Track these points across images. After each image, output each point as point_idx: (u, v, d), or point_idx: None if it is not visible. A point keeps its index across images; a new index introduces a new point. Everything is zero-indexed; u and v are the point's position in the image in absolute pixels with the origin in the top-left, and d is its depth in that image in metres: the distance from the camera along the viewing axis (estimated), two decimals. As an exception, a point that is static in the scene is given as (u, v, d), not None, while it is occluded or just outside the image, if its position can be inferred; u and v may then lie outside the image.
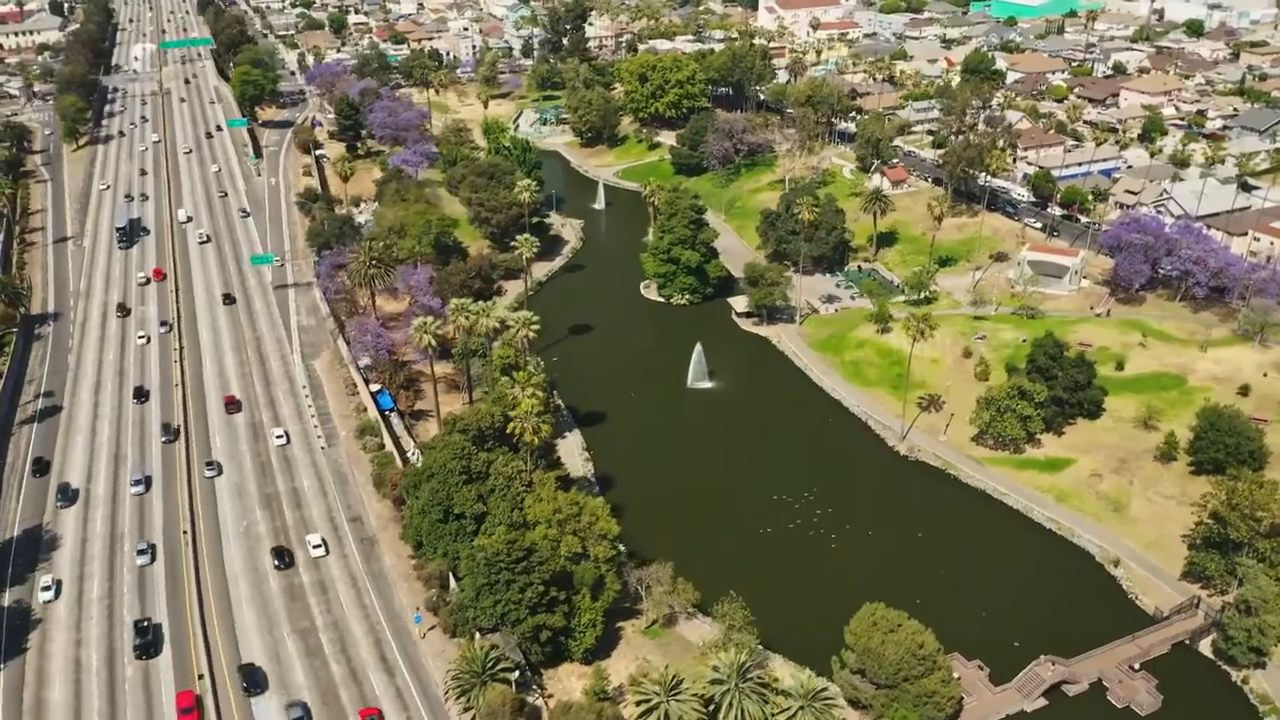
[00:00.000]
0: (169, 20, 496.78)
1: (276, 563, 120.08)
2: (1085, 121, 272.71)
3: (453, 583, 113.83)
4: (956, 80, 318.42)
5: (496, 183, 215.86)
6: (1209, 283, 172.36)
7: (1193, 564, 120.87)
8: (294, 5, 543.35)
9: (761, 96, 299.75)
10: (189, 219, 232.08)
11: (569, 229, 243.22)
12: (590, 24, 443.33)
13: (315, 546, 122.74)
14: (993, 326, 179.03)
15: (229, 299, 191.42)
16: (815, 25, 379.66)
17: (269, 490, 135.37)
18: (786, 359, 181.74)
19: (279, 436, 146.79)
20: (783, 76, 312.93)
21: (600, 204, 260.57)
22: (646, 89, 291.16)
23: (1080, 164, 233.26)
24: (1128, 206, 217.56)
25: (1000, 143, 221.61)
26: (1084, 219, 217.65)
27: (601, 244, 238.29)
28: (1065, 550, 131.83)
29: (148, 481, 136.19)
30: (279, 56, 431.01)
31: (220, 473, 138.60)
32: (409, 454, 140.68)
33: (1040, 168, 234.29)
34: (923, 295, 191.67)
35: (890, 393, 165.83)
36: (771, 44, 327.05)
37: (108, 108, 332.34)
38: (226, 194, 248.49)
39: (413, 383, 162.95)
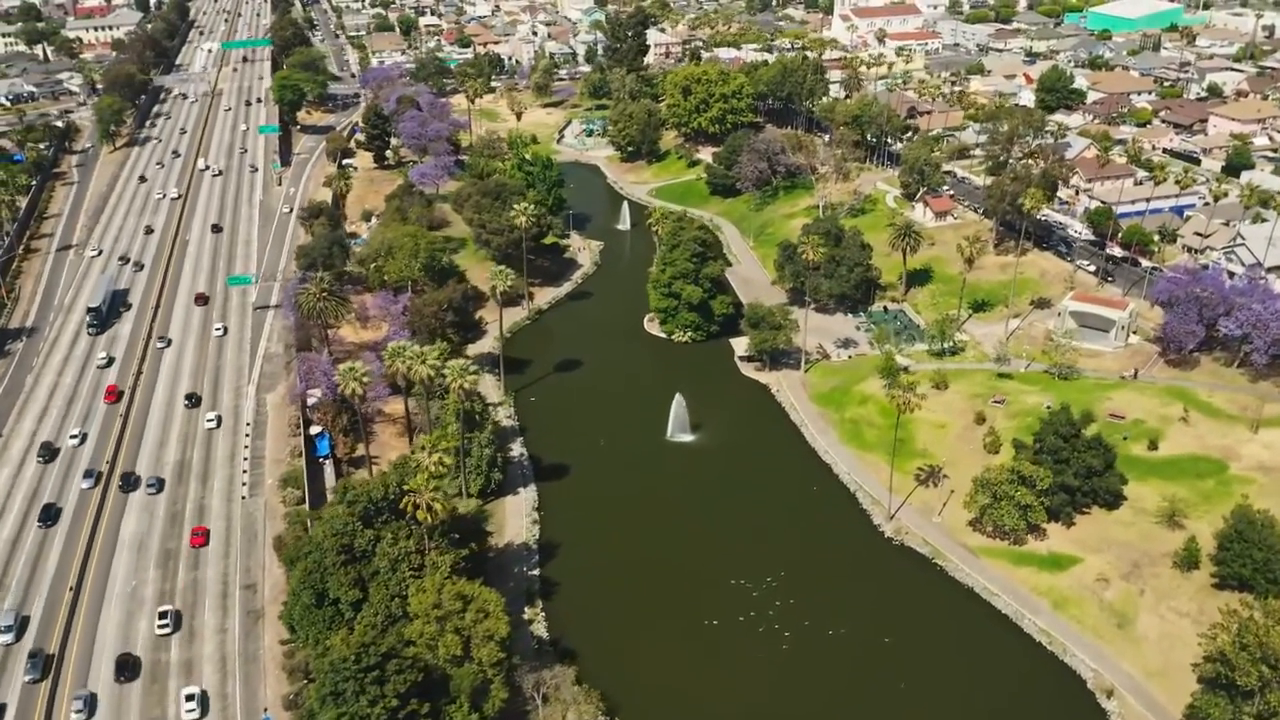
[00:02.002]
0: (240, 17, 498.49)
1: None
2: (1165, 150, 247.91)
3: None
4: (1030, 99, 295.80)
5: (501, 203, 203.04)
6: (1269, 350, 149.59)
7: (1194, 708, 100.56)
8: (372, 5, 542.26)
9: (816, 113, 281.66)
10: (207, 167, 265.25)
11: (586, 252, 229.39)
12: (663, 30, 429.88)
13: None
14: (1017, 388, 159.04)
15: (216, 228, 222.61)
16: (881, 36, 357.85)
17: (170, 545, 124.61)
18: (783, 412, 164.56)
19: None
20: (841, 91, 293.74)
21: (624, 224, 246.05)
22: (689, 103, 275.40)
23: (1148, 199, 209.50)
24: (1196, 251, 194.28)
25: (1057, 170, 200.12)
26: (1145, 263, 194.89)
27: (617, 269, 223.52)
28: (1054, 671, 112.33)
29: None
30: (345, 58, 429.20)
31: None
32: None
33: (1102, 202, 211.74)
34: (945, 345, 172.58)
35: (888, 460, 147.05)
36: (825, 56, 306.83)
37: (156, 108, 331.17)
38: (246, 149, 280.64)
39: (364, 424, 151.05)
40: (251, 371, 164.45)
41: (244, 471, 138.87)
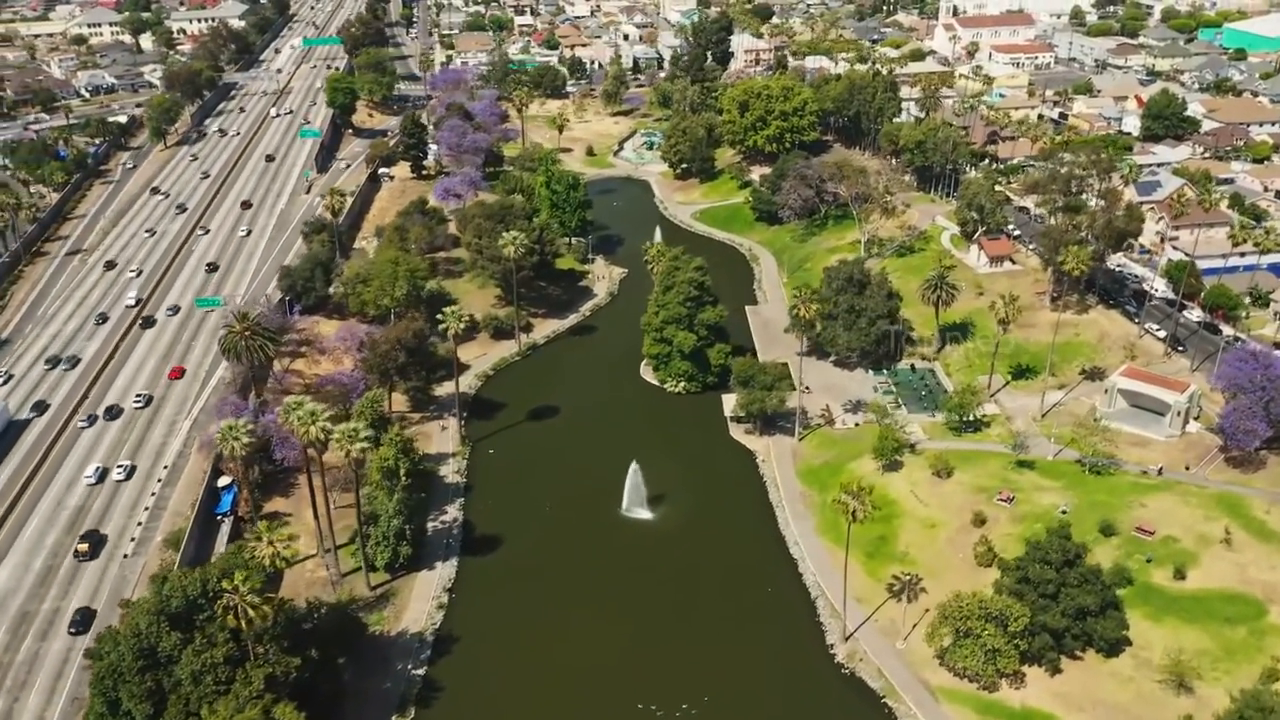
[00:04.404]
0: (340, 11, 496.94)
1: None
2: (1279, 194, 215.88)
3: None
4: (1135, 125, 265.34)
5: (504, 226, 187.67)
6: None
7: None
8: (475, 3, 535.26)
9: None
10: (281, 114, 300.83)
11: (605, 280, 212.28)
12: (759, 35, 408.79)
13: None
14: (1034, 481, 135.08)
15: (246, 204, 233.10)
16: (973, 50, 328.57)
17: (29, 609, 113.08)
18: (763, 488, 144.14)
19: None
20: (919, 111, 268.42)
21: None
22: (746, 119, 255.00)
23: (1241, 253, 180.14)
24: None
25: (1127, 218, 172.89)
26: (1228, 330, 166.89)
27: (633, 301, 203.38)
28: None
29: None
30: (431, 57, 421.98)
31: None
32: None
33: (1185, 254, 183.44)
34: (965, 419, 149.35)
35: (864, 561, 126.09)
36: (896, 72, 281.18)
37: (222, 105, 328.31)
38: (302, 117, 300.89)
39: (284, 475, 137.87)
40: (193, 406, 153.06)
41: (139, 524, 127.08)
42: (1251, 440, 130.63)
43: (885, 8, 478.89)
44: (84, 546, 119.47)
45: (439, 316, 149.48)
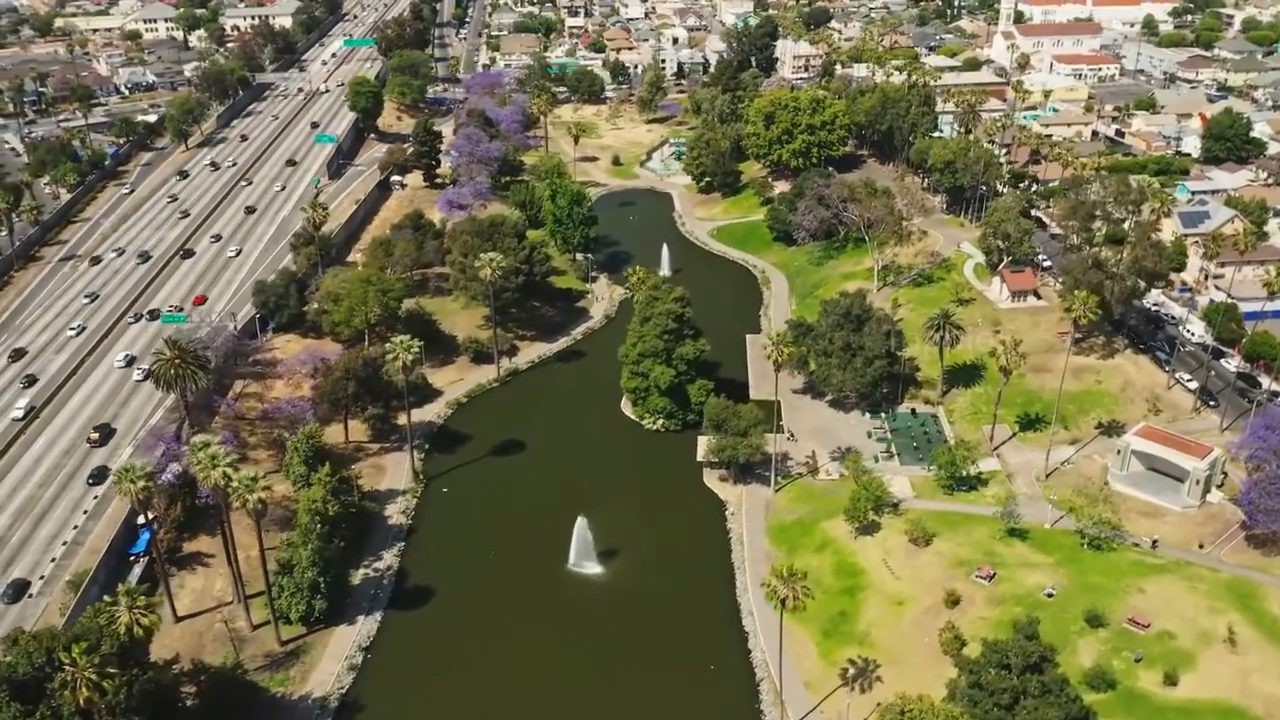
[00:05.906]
0: (388, 10, 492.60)
1: None
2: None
3: None
4: (1195, 145, 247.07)
5: (492, 244, 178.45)
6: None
7: None
8: (530, 3, 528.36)
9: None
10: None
11: (605, 301, 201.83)
12: (811, 41, 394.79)
13: None
14: (1022, 555, 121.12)
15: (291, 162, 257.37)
16: (1024, 62, 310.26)
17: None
18: (727, 544, 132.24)
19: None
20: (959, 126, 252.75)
21: (665, 269, 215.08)
22: (772, 132, 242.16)
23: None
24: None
25: (1155, 256, 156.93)
26: (1269, 384, 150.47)
27: (629, 326, 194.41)
28: None
29: None
30: (475, 58, 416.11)
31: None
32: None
33: (1229, 295, 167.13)
34: (958, 476, 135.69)
35: (819, 640, 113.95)
36: (935, 83, 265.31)
37: (253, 105, 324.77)
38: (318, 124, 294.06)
39: (214, 512, 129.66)
40: (140, 429, 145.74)
41: (52, 560, 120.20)
42: (1274, 521, 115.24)
43: (949, 12, 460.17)
44: (95, 435, 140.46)
45: (387, 346, 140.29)
